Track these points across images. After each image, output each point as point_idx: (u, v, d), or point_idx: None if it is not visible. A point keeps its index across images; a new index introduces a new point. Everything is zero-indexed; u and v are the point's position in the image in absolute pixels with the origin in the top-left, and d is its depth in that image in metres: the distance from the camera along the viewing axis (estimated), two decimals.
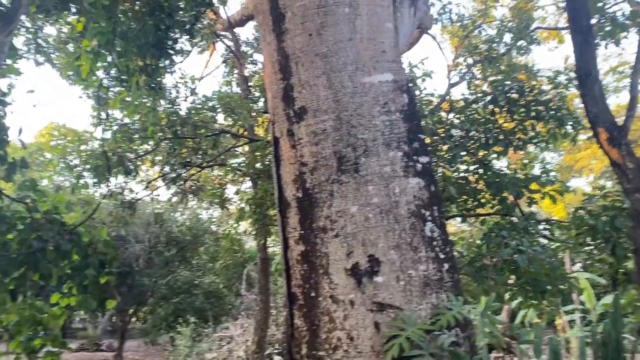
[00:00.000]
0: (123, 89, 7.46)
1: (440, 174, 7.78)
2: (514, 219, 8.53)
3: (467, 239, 11.75)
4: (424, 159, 3.13)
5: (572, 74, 8.60)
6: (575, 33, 5.28)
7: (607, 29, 6.64)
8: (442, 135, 8.89)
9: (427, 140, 8.96)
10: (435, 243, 2.96)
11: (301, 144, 3.05)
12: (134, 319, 19.88)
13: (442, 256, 2.96)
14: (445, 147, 9.06)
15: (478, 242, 8.98)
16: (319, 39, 3.03)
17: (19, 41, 9.77)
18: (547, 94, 8.28)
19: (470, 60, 9.20)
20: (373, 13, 3.10)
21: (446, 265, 2.96)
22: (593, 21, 8.03)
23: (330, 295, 2.87)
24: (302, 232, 3.02)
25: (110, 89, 8.15)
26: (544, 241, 9.73)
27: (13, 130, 9.88)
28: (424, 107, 9.92)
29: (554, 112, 8.45)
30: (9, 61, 5.59)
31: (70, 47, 9.65)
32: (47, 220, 5.13)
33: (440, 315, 2.75)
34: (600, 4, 6.62)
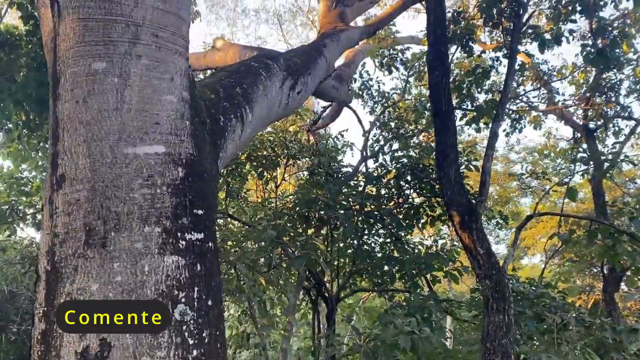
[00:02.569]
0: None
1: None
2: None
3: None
4: (194, 236, 2.97)
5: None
6: (435, 116, 5.34)
7: (470, 116, 6.81)
8: (351, 207, 8.82)
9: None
10: (185, 327, 2.75)
11: (57, 214, 2.88)
12: None
13: (191, 342, 2.74)
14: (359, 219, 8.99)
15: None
16: (85, 106, 2.93)
17: None
18: None
19: (381, 137, 9.35)
20: (147, 85, 3.03)
21: (195, 352, 2.74)
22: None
23: None
24: (45, 309, 2.79)
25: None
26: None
27: None
28: (339, 177, 9.92)
29: None
30: None
31: None
32: None
33: None
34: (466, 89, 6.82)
